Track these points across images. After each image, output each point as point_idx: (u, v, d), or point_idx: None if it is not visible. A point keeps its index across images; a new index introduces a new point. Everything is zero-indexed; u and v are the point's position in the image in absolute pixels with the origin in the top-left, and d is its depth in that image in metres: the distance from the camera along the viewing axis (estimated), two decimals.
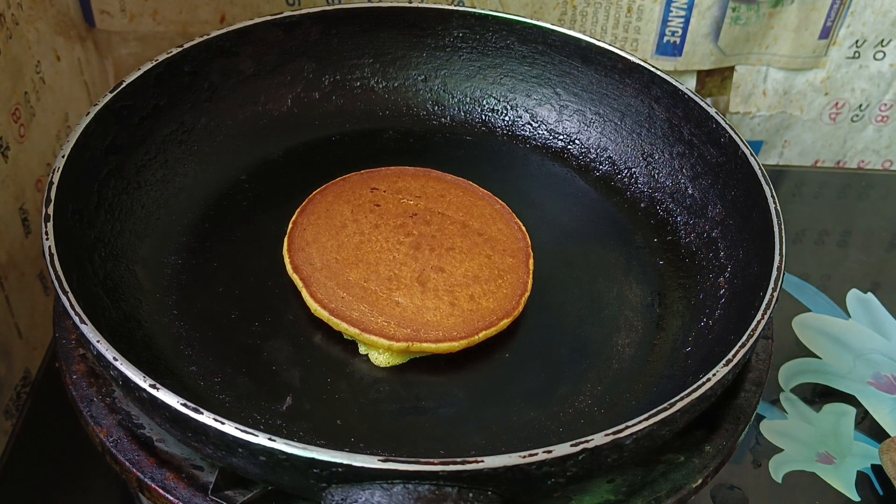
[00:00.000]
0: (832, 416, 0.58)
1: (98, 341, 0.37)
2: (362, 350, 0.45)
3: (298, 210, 0.50)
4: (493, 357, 0.46)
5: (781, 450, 0.56)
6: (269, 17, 0.56)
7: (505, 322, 0.46)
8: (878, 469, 0.55)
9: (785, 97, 0.78)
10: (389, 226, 0.49)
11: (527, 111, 0.59)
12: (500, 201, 0.52)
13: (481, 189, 0.53)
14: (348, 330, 0.44)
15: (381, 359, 0.45)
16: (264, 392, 0.43)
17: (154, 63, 0.51)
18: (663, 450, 0.41)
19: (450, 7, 0.59)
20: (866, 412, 0.59)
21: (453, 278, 0.47)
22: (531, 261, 0.49)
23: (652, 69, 0.54)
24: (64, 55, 0.66)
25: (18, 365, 0.59)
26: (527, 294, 0.47)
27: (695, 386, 0.37)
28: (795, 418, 0.58)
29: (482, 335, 0.45)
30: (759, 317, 0.41)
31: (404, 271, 0.47)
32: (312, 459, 0.34)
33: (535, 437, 0.42)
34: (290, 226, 0.49)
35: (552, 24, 0.57)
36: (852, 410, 0.59)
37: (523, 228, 0.51)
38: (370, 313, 0.45)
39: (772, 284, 0.42)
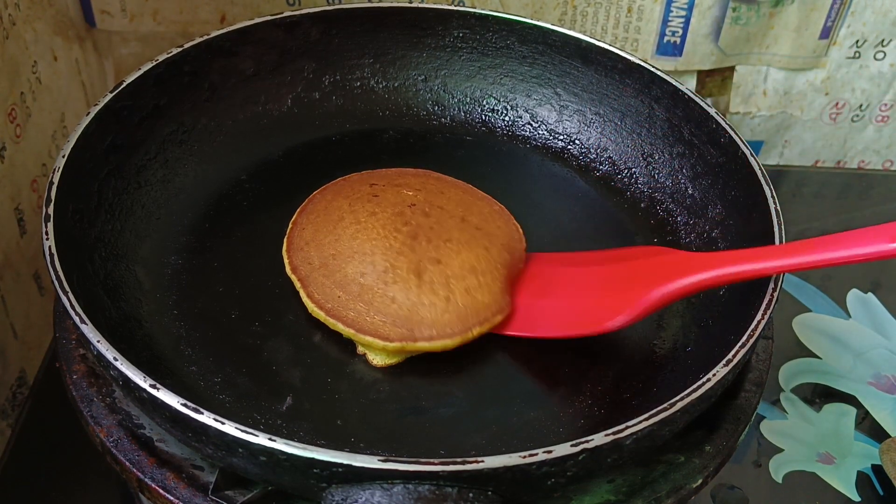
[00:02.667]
0: (832, 416, 0.58)
1: (98, 341, 0.37)
2: (360, 350, 0.45)
3: (298, 210, 0.50)
4: (493, 357, 0.46)
5: (781, 450, 0.56)
6: (269, 17, 0.56)
7: (499, 317, 0.46)
8: (878, 469, 0.55)
9: (785, 97, 0.78)
10: (387, 213, 0.48)
11: (527, 111, 0.59)
12: (499, 203, 0.52)
13: (480, 192, 0.52)
14: (344, 330, 0.44)
15: (377, 359, 0.45)
16: (264, 392, 0.43)
17: (154, 63, 0.51)
18: (663, 450, 0.41)
19: (450, 7, 0.59)
20: (867, 412, 0.59)
21: (450, 269, 0.46)
22: (523, 260, 0.49)
23: (652, 69, 0.54)
24: (61, 55, 0.66)
25: (14, 365, 0.59)
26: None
27: (695, 386, 0.37)
28: (796, 418, 0.58)
29: (476, 331, 0.45)
30: (759, 317, 0.41)
31: (401, 261, 0.46)
32: (312, 459, 0.34)
33: (535, 437, 0.42)
34: (289, 226, 0.49)
35: (552, 25, 0.57)
36: (853, 410, 0.59)
37: (521, 230, 0.50)
38: (366, 312, 0.44)
39: (772, 284, 0.42)
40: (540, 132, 0.59)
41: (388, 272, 0.45)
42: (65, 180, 0.44)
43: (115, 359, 0.37)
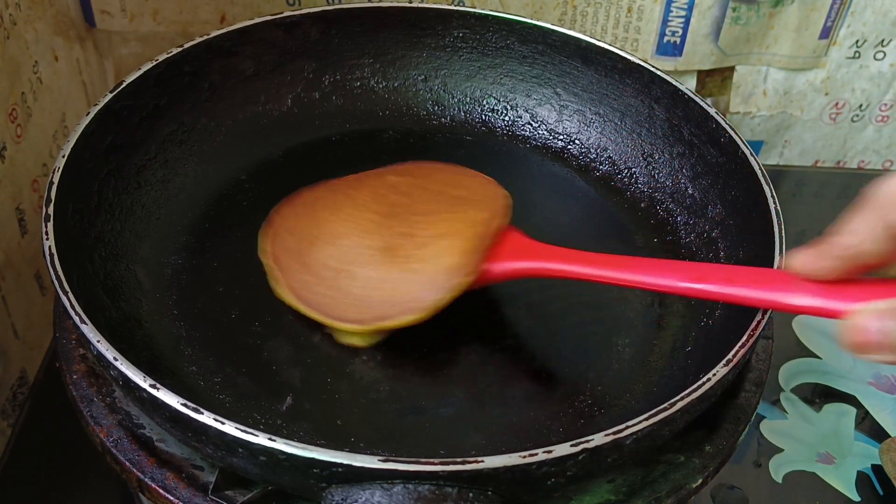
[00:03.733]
0: (832, 416, 0.58)
1: (98, 341, 0.37)
2: (338, 338, 0.45)
3: (282, 202, 0.50)
4: (493, 357, 0.46)
5: (781, 450, 0.56)
6: (269, 17, 0.56)
7: (469, 279, 0.44)
8: (878, 469, 0.55)
9: (785, 97, 0.78)
10: (364, 196, 0.47)
11: (527, 111, 0.59)
12: (486, 176, 0.50)
13: (472, 170, 0.51)
14: (314, 315, 0.44)
15: (354, 339, 0.44)
16: (264, 392, 0.43)
17: (154, 63, 0.51)
18: (663, 450, 0.41)
19: (450, 7, 0.59)
20: (866, 412, 0.59)
21: (419, 239, 0.45)
22: (507, 218, 0.47)
23: (652, 69, 0.54)
24: (62, 55, 0.66)
25: (15, 365, 0.59)
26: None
27: (695, 386, 0.37)
28: (796, 418, 0.58)
29: (448, 298, 0.43)
30: (759, 317, 0.41)
31: (372, 241, 0.45)
32: (312, 459, 0.34)
33: (535, 437, 0.42)
34: (270, 213, 0.49)
35: (552, 24, 0.57)
36: (852, 410, 0.59)
37: (508, 194, 0.49)
38: (338, 297, 0.44)
39: None
40: (540, 132, 0.59)
41: (360, 254, 0.45)
42: (65, 180, 0.44)
43: (115, 359, 0.37)
